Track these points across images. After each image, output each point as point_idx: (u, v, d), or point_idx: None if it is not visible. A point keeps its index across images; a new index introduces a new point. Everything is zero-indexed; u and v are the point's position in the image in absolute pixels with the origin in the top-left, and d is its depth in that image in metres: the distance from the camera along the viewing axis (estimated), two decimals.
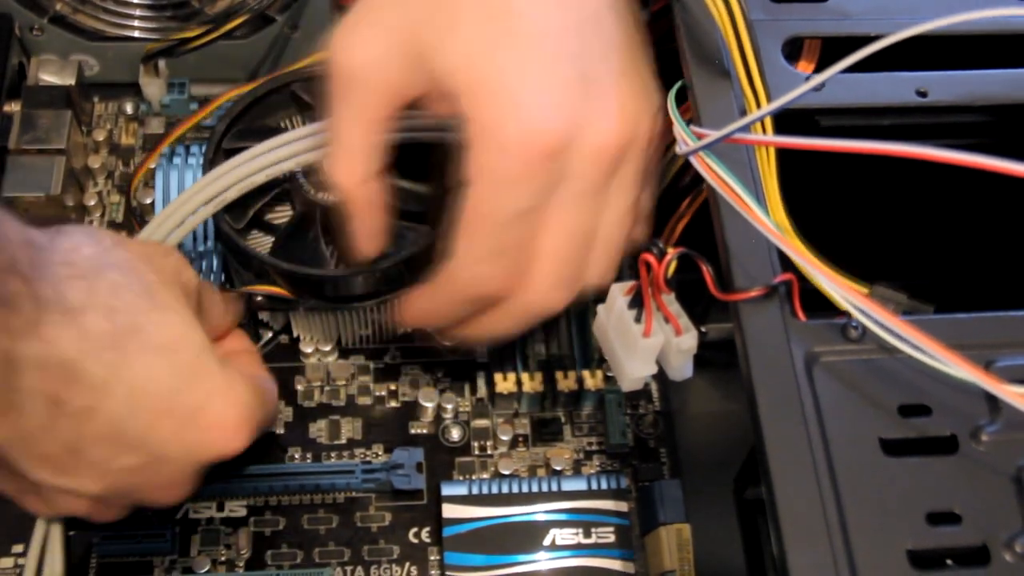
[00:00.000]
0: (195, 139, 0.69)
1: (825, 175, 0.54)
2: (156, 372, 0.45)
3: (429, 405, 0.63)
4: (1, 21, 0.69)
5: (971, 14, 0.47)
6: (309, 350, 0.65)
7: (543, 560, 0.58)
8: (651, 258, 0.48)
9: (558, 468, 0.62)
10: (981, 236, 0.62)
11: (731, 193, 0.47)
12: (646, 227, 0.54)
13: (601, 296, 0.53)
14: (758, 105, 0.51)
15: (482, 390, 0.65)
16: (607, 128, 0.48)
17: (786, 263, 0.47)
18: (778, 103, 0.50)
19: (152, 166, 0.68)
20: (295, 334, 0.65)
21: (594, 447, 0.63)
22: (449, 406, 0.63)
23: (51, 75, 0.70)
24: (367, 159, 0.50)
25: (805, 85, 0.51)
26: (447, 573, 0.57)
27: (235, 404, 0.48)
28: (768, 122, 0.50)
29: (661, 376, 0.54)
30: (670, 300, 0.50)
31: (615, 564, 0.58)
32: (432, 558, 0.59)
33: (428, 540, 0.60)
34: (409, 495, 0.61)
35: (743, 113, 0.52)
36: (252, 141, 0.64)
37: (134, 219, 0.68)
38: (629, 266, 0.67)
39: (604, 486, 0.60)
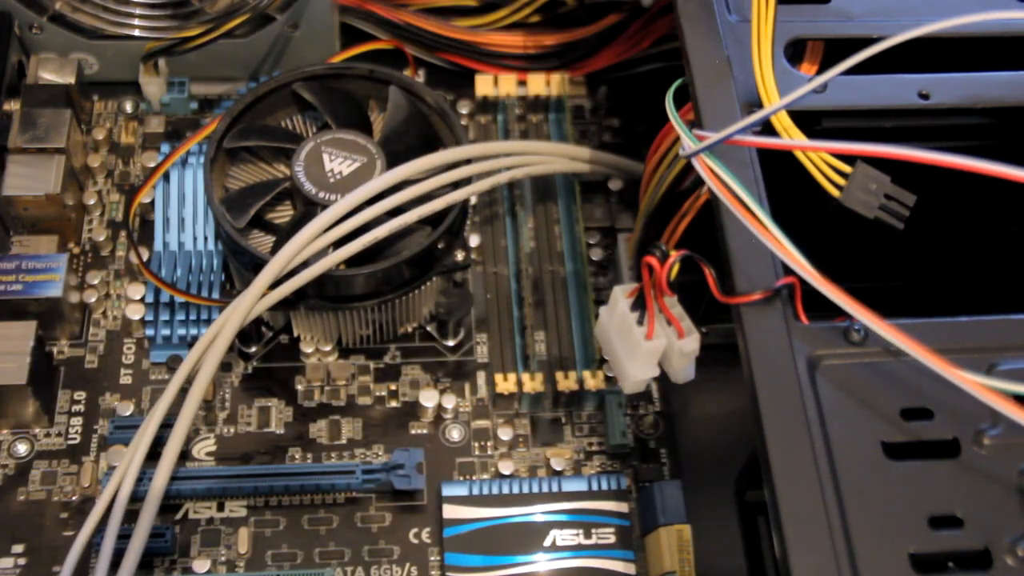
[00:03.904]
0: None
1: None
2: None
3: (429, 405, 0.63)
4: (1, 19, 0.69)
5: (971, 17, 0.47)
6: (309, 350, 0.65)
7: (543, 561, 0.58)
8: (654, 261, 0.48)
9: (558, 469, 0.62)
10: (984, 239, 0.62)
11: (732, 198, 0.47)
12: None
13: (603, 298, 0.53)
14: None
15: (482, 390, 0.65)
16: None
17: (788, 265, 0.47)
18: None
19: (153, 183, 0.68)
20: (295, 334, 0.64)
21: (594, 448, 0.63)
22: (449, 406, 0.63)
23: (51, 73, 0.70)
24: None
25: (806, 86, 0.51)
26: (447, 574, 0.57)
27: None
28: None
29: (662, 376, 0.54)
30: (672, 303, 0.50)
31: (615, 565, 0.58)
32: (432, 558, 0.59)
33: (428, 540, 0.60)
34: (409, 495, 0.61)
35: (745, 113, 0.51)
36: (253, 140, 0.64)
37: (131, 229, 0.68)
38: (631, 268, 0.68)
39: (604, 487, 0.59)
